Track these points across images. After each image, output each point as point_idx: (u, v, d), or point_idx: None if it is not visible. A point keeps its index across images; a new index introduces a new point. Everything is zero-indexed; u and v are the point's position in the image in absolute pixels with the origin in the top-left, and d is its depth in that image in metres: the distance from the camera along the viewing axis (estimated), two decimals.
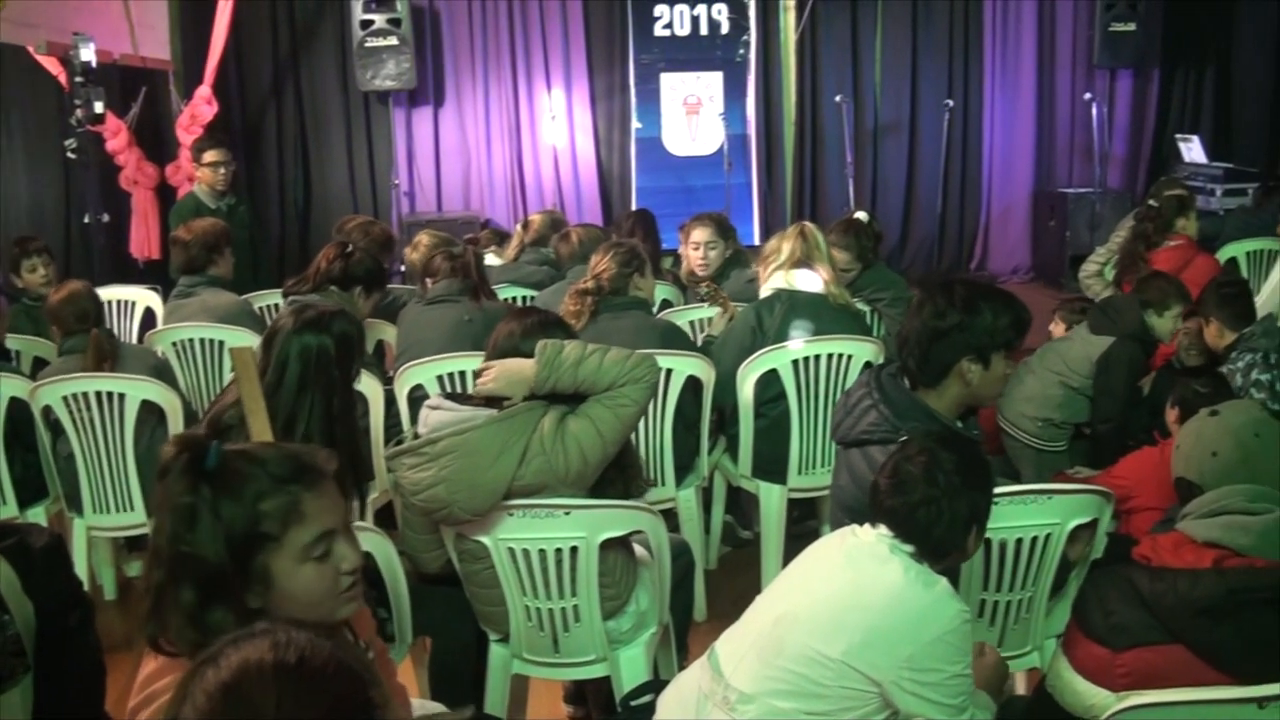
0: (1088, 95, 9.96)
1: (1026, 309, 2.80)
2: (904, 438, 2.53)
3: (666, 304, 5.29)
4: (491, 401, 2.85)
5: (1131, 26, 9.94)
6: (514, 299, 5.34)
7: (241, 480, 1.70)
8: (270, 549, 1.70)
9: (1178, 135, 10.27)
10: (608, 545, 2.94)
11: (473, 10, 9.30)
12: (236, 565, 1.68)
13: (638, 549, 3.14)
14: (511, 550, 2.90)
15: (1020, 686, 3.07)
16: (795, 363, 4.07)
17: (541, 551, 2.89)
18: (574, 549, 2.88)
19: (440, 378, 4.10)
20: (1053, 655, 2.47)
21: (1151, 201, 5.81)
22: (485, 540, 2.90)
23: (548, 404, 2.83)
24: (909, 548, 2.28)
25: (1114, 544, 3.21)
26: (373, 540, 2.80)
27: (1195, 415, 2.85)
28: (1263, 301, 5.37)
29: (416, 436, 2.86)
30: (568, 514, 2.84)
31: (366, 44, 8.50)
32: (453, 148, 9.50)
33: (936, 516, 2.26)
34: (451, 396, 3.01)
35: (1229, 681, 2.15)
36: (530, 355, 2.82)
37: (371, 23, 8.50)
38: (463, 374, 4.05)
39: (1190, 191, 6.20)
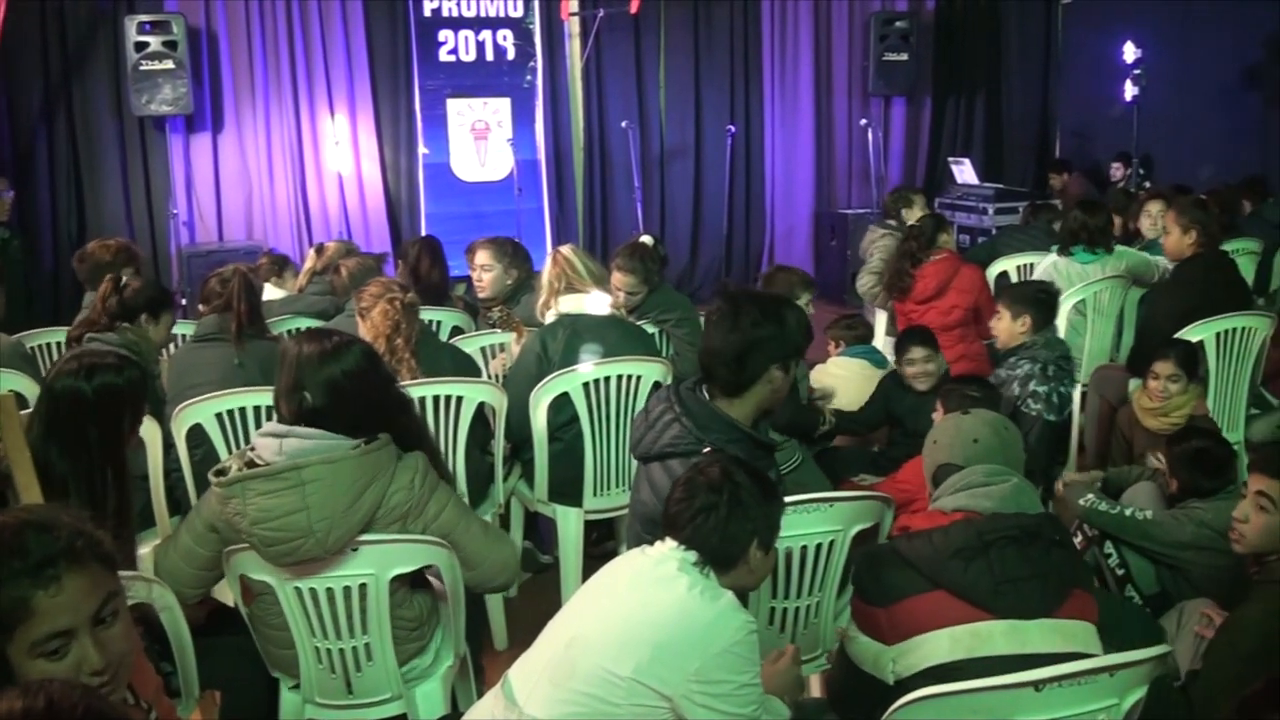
0: (864, 121, 10.45)
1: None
2: (707, 450, 2.61)
3: (458, 330, 5.25)
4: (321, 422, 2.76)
5: (904, 56, 10.51)
6: (296, 330, 5.20)
7: None
8: (4, 637, 1.62)
9: (950, 158, 10.87)
10: (415, 585, 2.90)
11: (253, 33, 9.03)
12: None
13: (434, 582, 3.09)
14: (299, 590, 2.80)
15: (815, 689, 3.15)
16: (586, 385, 4.08)
17: (329, 590, 2.80)
18: (363, 586, 2.81)
19: (220, 415, 3.94)
20: (846, 623, 2.64)
21: (912, 223, 6.17)
22: (270, 580, 2.80)
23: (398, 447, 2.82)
24: (695, 558, 2.32)
25: None
26: (155, 591, 2.66)
27: (949, 416, 3.13)
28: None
29: (250, 464, 2.72)
30: (356, 550, 2.77)
31: (141, 67, 8.16)
32: (234, 175, 9.17)
33: (717, 523, 2.32)
34: (296, 420, 2.83)
35: (985, 618, 2.31)
36: (320, 386, 2.75)
37: (146, 45, 8.16)
38: (243, 410, 3.92)
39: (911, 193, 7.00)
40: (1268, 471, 2.81)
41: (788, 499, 2.80)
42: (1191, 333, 4.73)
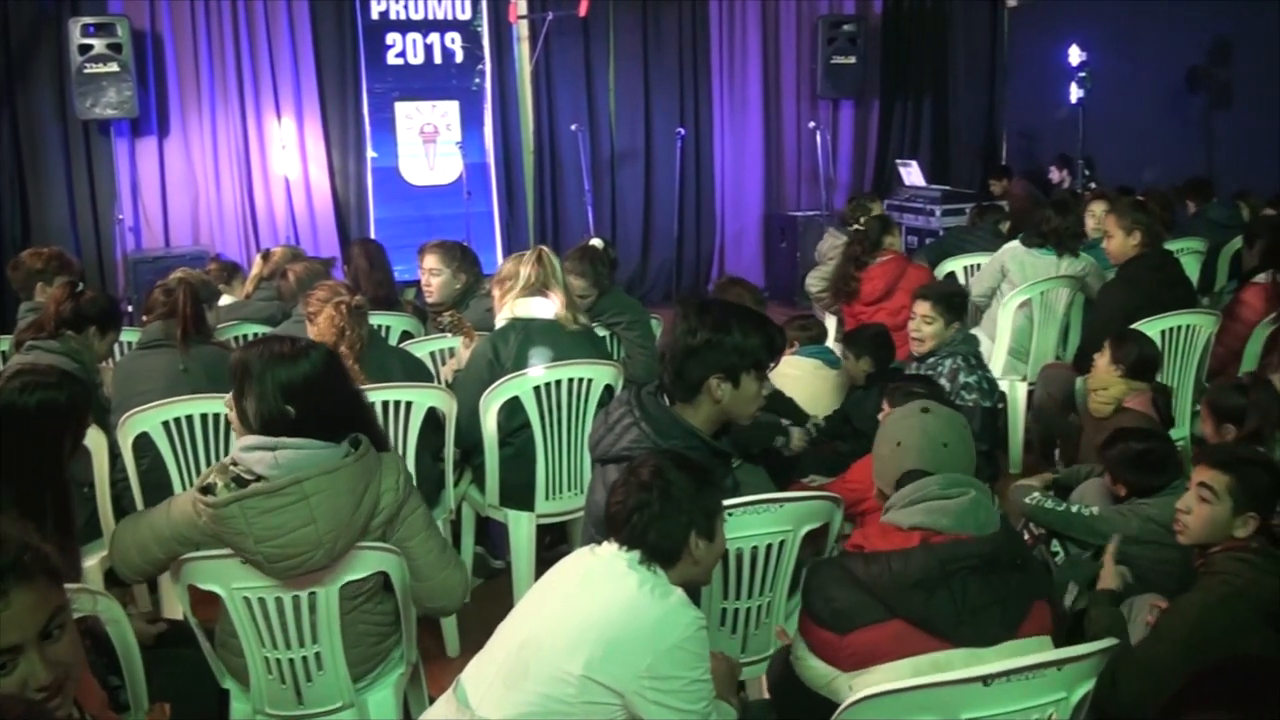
0: (812, 124, 10.51)
1: (781, 332, 2.91)
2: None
3: (407, 335, 5.22)
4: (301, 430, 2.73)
5: (852, 59, 10.60)
6: (244, 336, 5.15)
7: None
8: None
9: (898, 160, 10.97)
10: (385, 591, 2.90)
11: (198, 36, 8.91)
12: None
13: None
14: (248, 600, 2.77)
15: (766, 690, 3.16)
16: (537, 389, 4.07)
17: (279, 600, 2.77)
18: (313, 595, 2.78)
19: (166, 423, 3.89)
20: (795, 636, 2.58)
21: (857, 226, 6.20)
22: (219, 590, 2.76)
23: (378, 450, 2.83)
24: (639, 556, 2.33)
25: None
26: (101, 604, 2.61)
27: (905, 414, 2.85)
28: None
29: (238, 481, 2.66)
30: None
31: (86, 70, 8.03)
32: (180, 180, 9.05)
33: (651, 520, 2.34)
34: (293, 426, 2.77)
35: (945, 648, 2.31)
36: (280, 392, 2.72)
37: (91, 48, 8.03)
38: (189, 418, 3.88)
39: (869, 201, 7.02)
40: (1210, 462, 2.87)
41: (738, 500, 2.82)
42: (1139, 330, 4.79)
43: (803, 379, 4.82)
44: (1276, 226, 5.89)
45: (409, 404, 3.93)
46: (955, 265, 6.71)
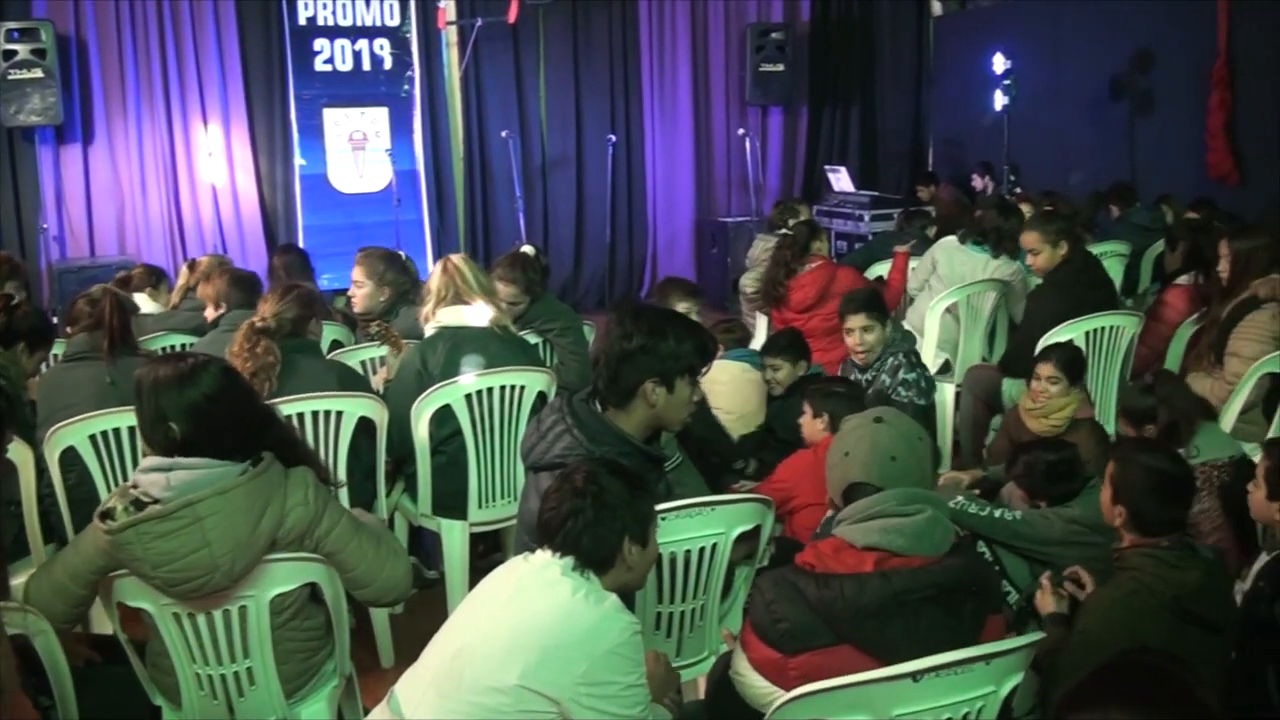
0: (741, 130, 10.59)
1: (713, 338, 2.95)
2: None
3: (337, 344, 5.16)
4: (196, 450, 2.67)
5: (780, 67, 10.71)
6: (170, 347, 5.07)
7: None
8: None
9: (827, 166, 11.10)
10: (315, 598, 2.87)
11: (124, 41, 8.79)
12: None
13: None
14: (177, 616, 2.72)
15: (702, 692, 3.16)
16: (469, 397, 4.05)
17: (209, 615, 2.73)
18: (243, 609, 2.74)
19: (94, 437, 3.81)
20: (735, 650, 2.57)
21: (785, 230, 6.25)
22: (149, 607, 2.71)
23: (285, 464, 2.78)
24: (573, 562, 2.33)
25: (780, 548, 3.41)
26: (30, 622, 2.57)
27: (859, 424, 2.74)
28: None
29: (137, 504, 2.60)
30: None
31: (9, 76, 7.91)
32: (105, 188, 8.93)
33: (585, 526, 2.33)
34: (168, 451, 2.72)
35: None
36: (168, 415, 2.66)
37: (14, 54, 7.92)
38: (117, 431, 3.80)
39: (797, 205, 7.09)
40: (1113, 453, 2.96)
41: (671, 504, 2.83)
42: (1063, 332, 4.88)
43: (731, 384, 4.84)
44: (1198, 230, 6.03)
45: (339, 414, 3.89)
46: (883, 269, 6.79)
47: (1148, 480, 2.80)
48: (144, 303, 5.62)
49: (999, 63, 9.56)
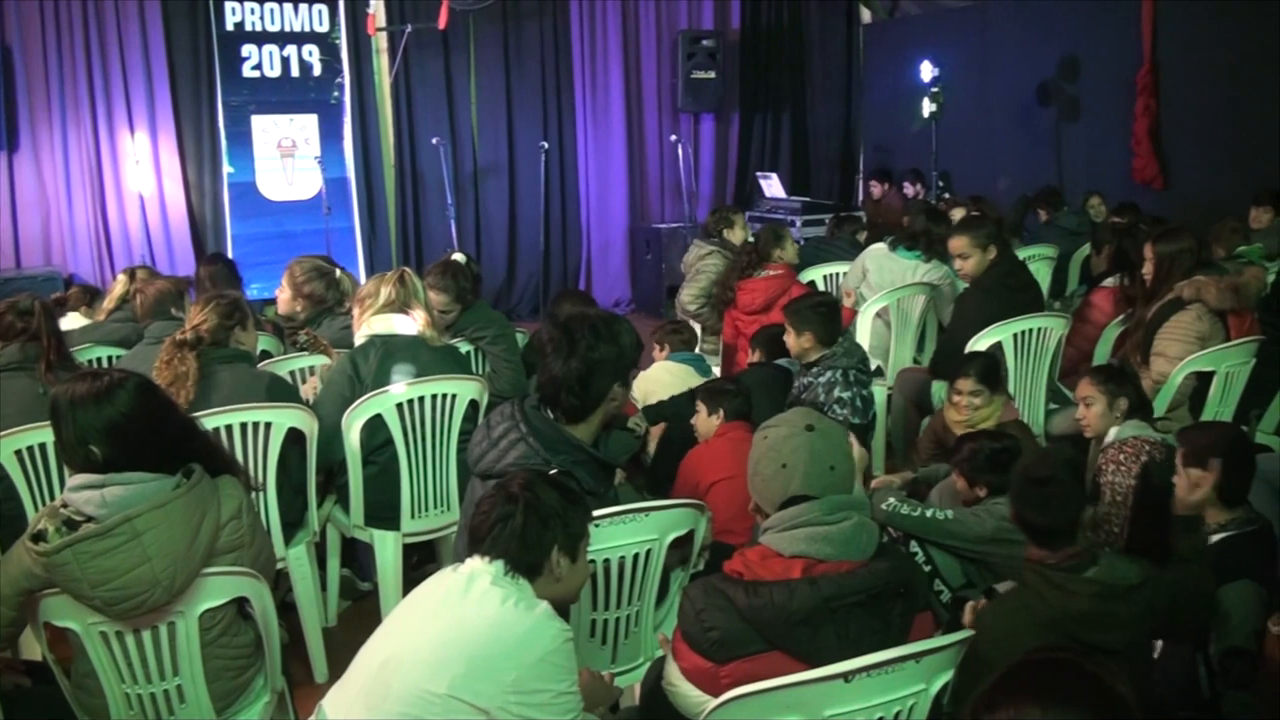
0: (674, 137, 10.63)
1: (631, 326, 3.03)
2: (554, 470, 2.63)
3: (266, 354, 5.08)
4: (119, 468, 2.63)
5: (711, 74, 10.77)
6: (99, 360, 4.97)
7: None
8: None
9: (758, 173, 11.17)
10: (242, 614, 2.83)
11: (48, 47, 8.63)
12: None
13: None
14: (105, 635, 2.68)
15: (638, 698, 3.16)
16: (400, 406, 4.02)
17: (137, 633, 2.69)
18: (171, 625, 2.70)
19: (19, 452, 3.69)
20: (665, 657, 2.56)
21: (748, 237, 6.25)
22: (75, 626, 2.66)
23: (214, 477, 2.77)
24: (503, 568, 2.31)
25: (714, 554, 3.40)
26: None
27: (790, 432, 2.60)
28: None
29: (69, 523, 2.55)
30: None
31: None
32: (29, 197, 8.76)
33: (514, 531, 2.33)
34: (102, 469, 2.67)
35: None
36: (86, 435, 2.62)
37: None
38: (44, 446, 3.70)
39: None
40: None
41: (604, 511, 2.82)
42: (991, 334, 4.95)
43: (674, 384, 4.85)
44: (1123, 234, 6.15)
45: (268, 425, 3.84)
46: (815, 274, 6.84)
47: (1020, 486, 2.83)
48: (72, 321, 5.53)
49: (927, 71, 9.70)
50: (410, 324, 4.23)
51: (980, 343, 4.91)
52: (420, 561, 4.61)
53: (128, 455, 2.64)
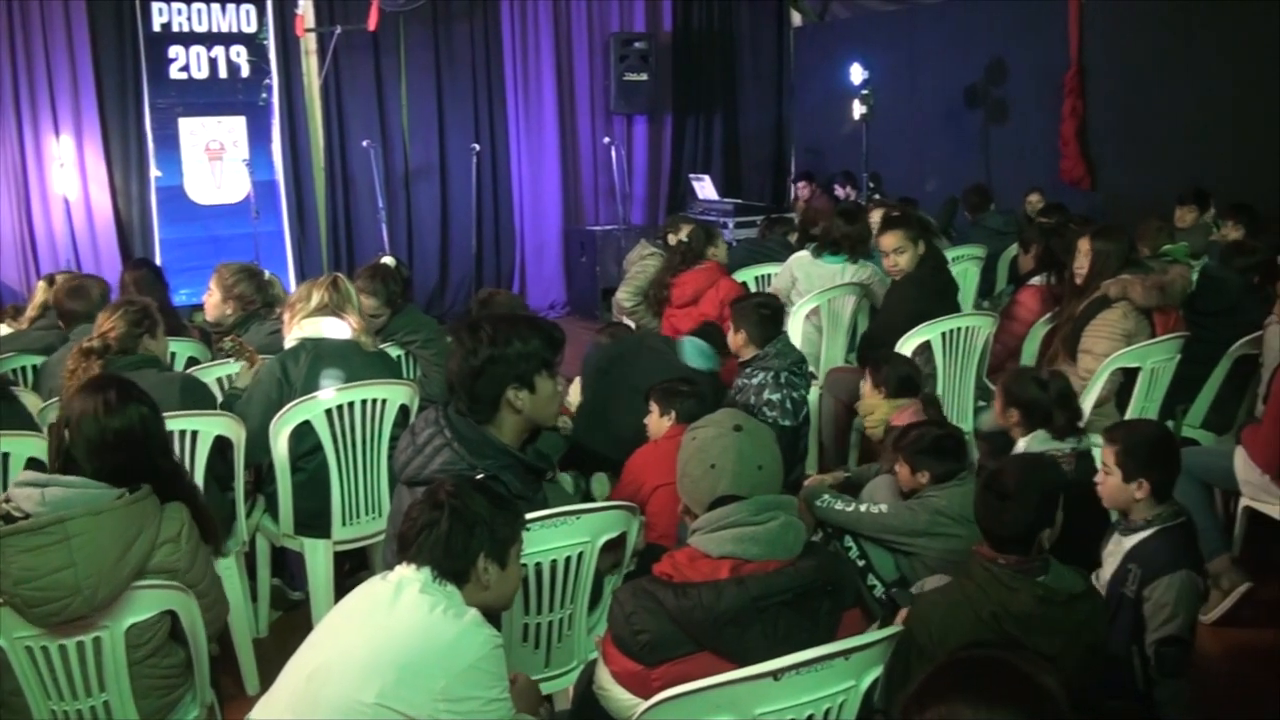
0: (607, 139, 10.64)
1: (557, 327, 2.94)
2: (480, 475, 2.59)
3: (193, 361, 5.01)
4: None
5: (644, 76, 10.80)
6: (22, 368, 4.86)
7: None
8: None
9: (691, 175, 11.22)
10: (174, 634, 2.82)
11: None
12: None
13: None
14: (30, 650, 2.63)
15: (570, 700, 3.15)
16: (329, 412, 3.97)
17: (62, 647, 2.65)
18: (97, 640, 2.66)
19: None
20: (596, 661, 2.56)
21: (682, 237, 6.28)
22: (1, 642, 2.61)
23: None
24: (430, 574, 2.30)
25: (645, 555, 3.41)
26: None
27: (718, 433, 2.61)
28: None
29: (7, 518, 2.56)
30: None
31: None
32: None
33: (439, 538, 2.31)
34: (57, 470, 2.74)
35: None
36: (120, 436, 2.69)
37: None
38: None
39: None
40: None
41: (535, 514, 2.81)
42: (920, 333, 5.01)
43: None
44: (1050, 233, 6.24)
45: (194, 433, 3.77)
46: (748, 276, 6.87)
47: (981, 490, 2.86)
48: (1, 331, 5.42)
49: (856, 73, 9.79)
50: (341, 328, 4.18)
51: (908, 344, 4.97)
52: (353, 569, 4.57)
53: (91, 463, 2.72)
